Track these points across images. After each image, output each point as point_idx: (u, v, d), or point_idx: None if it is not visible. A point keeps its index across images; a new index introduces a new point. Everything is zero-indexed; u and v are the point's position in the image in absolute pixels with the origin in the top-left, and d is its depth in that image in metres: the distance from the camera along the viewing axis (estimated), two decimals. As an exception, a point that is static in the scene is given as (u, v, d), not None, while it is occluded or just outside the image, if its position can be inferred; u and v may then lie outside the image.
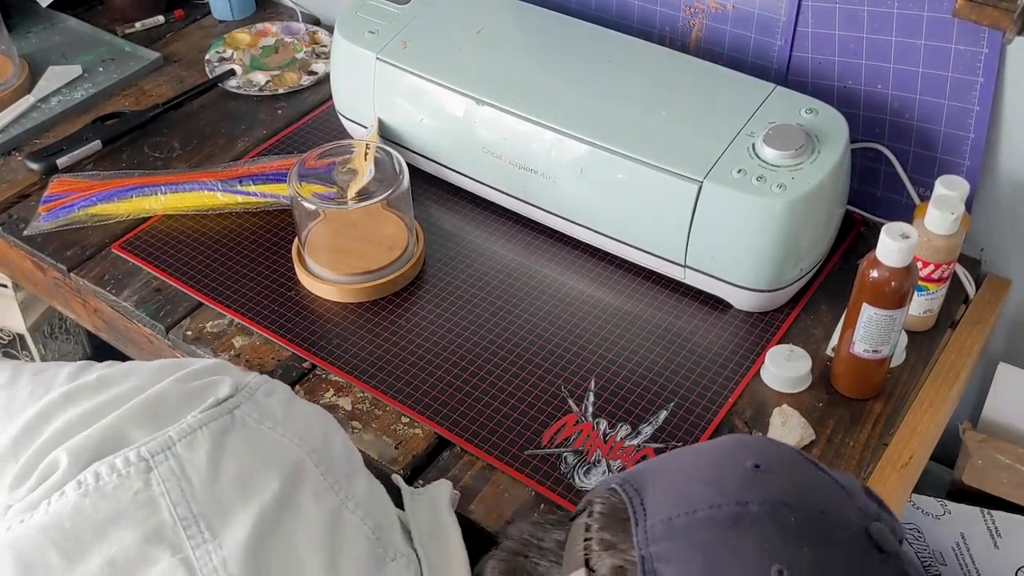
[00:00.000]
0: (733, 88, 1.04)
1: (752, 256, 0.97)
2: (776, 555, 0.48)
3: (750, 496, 0.50)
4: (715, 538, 0.49)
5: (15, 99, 1.33)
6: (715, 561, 0.48)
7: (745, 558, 0.48)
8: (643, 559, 0.49)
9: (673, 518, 0.50)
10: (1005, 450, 1.08)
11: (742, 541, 0.49)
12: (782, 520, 0.49)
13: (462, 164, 1.13)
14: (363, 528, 0.62)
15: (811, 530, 0.50)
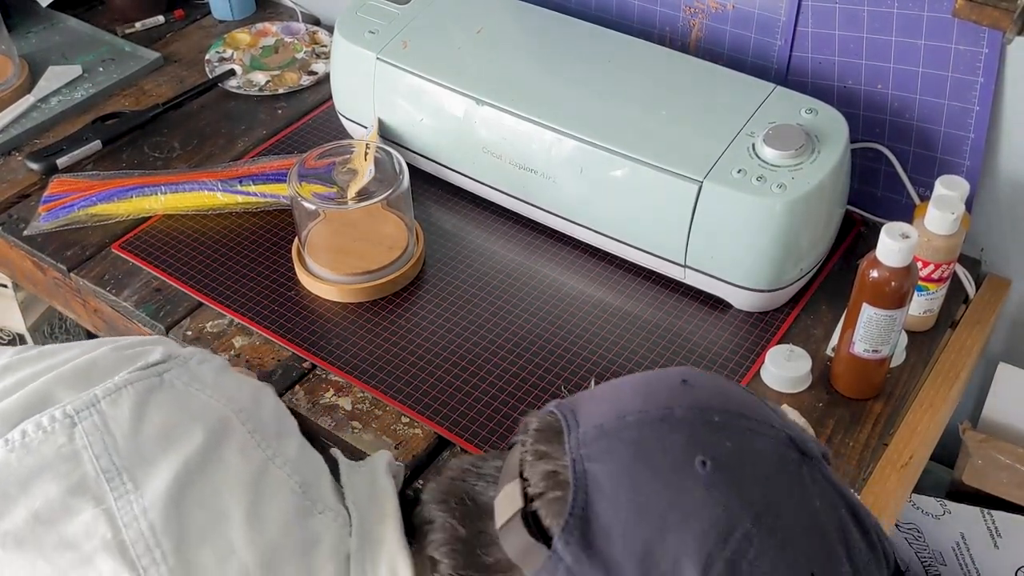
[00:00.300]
0: (733, 88, 1.04)
1: (752, 256, 0.97)
2: (700, 447, 0.50)
3: (677, 403, 0.53)
4: (642, 436, 0.51)
5: (15, 99, 1.33)
6: (642, 455, 0.50)
7: (670, 451, 0.50)
8: (574, 461, 0.50)
9: (604, 424, 0.52)
10: (1005, 450, 1.08)
11: (668, 437, 0.51)
12: (706, 419, 0.52)
13: (462, 164, 1.13)
14: (289, 482, 0.62)
15: (734, 428, 0.52)
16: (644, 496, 0.49)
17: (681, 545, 0.47)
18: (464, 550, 0.52)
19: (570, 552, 0.48)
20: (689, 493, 0.49)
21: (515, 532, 0.50)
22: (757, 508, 0.49)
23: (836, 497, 0.53)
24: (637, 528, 0.48)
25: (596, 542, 0.48)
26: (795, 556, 0.49)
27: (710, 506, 0.48)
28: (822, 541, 0.50)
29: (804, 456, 0.52)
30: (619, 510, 0.49)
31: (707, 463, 0.49)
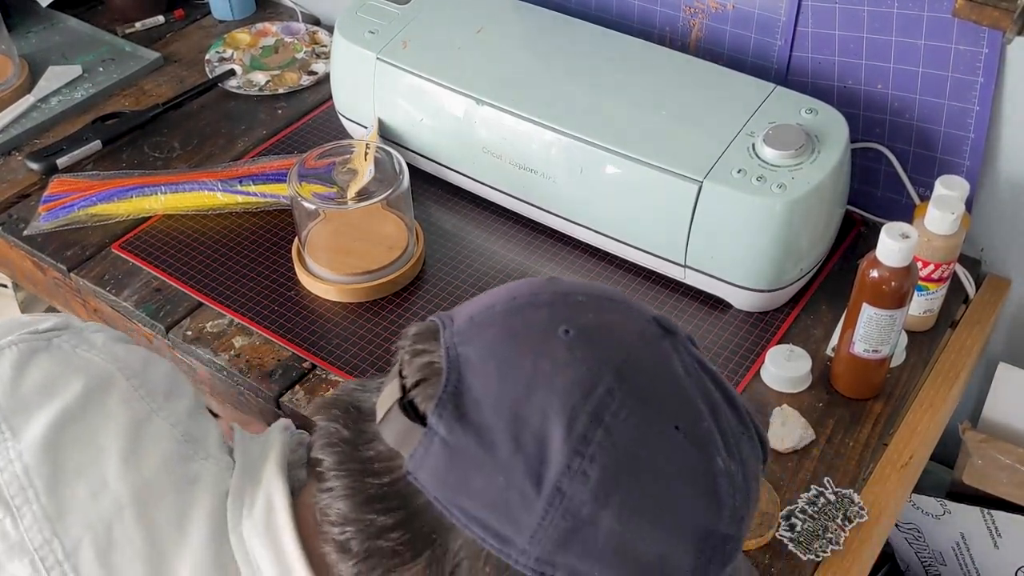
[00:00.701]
0: (733, 88, 1.04)
1: (752, 256, 0.97)
2: (563, 320, 0.53)
3: (543, 290, 0.56)
4: (509, 317, 0.54)
5: (15, 99, 1.33)
6: (508, 331, 0.53)
7: (535, 325, 0.53)
8: (447, 349, 0.52)
9: (474, 315, 0.54)
10: (1005, 450, 1.08)
11: (534, 315, 0.54)
12: (570, 300, 0.55)
13: (462, 164, 1.13)
14: (173, 432, 0.64)
15: (598, 306, 0.55)
16: (511, 364, 0.51)
17: (547, 402, 0.49)
18: (345, 448, 0.53)
19: (444, 424, 0.49)
20: (552, 356, 0.51)
21: (393, 420, 0.51)
22: (619, 366, 0.51)
23: (701, 371, 0.54)
24: (505, 393, 0.50)
25: (468, 412, 0.50)
26: (658, 410, 0.51)
27: (573, 365, 0.50)
28: (685, 399, 0.52)
29: (668, 332, 0.55)
30: (488, 380, 0.50)
31: (570, 331, 0.52)
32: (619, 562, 0.49)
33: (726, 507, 0.52)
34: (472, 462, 0.49)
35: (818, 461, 0.90)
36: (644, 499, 0.49)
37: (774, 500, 0.85)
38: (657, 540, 0.49)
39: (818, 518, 0.85)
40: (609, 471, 0.48)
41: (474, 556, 0.49)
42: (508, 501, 0.48)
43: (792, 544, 0.83)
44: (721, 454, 0.52)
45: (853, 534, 0.84)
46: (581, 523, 0.48)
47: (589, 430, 0.48)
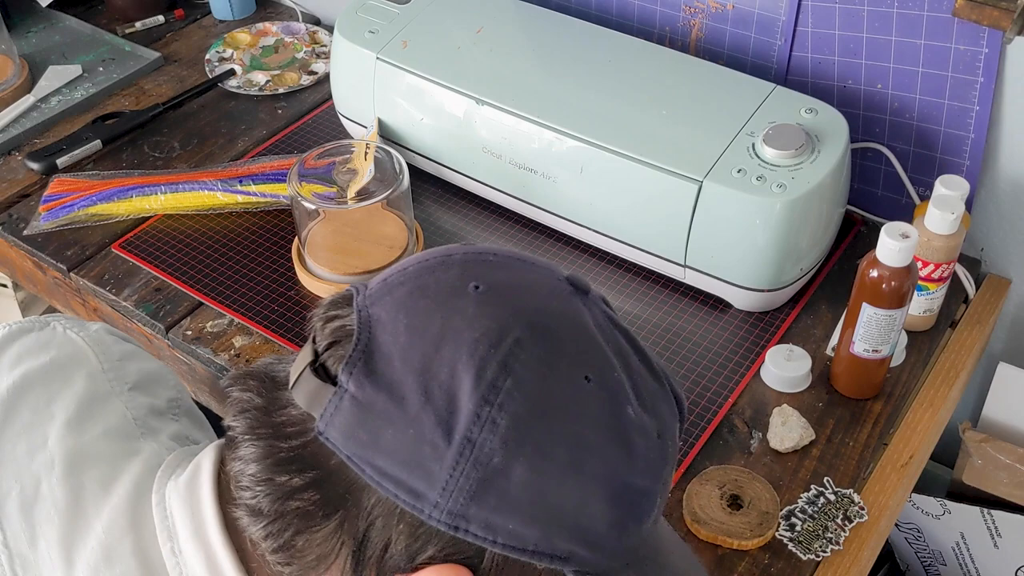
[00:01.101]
0: (733, 88, 1.04)
1: (752, 256, 0.97)
2: (473, 277, 0.53)
3: (455, 251, 0.56)
4: (420, 276, 0.54)
5: (15, 99, 1.33)
6: (419, 289, 0.53)
7: (445, 282, 0.53)
8: (359, 311, 0.52)
9: (387, 277, 0.55)
10: (1005, 450, 1.08)
11: (444, 273, 0.54)
12: (482, 259, 0.55)
13: (462, 164, 1.13)
14: (127, 413, 0.65)
15: (509, 265, 0.55)
16: (420, 320, 0.51)
17: (456, 354, 0.49)
18: (257, 414, 0.53)
19: (353, 381, 0.49)
20: (462, 311, 0.51)
21: (304, 382, 0.51)
22: (528, 318, 0.51)
23: (614, 328, 0.55)
24: (414, 347, 0.50)
25: (377, 368, 0.49)
26: (567, 360, 0.51)
27: (482, 318, 0.50)
28: (595, 351, 0.52)
29: (580, 290, 0.55)
30: (398, 337, 0.50)
31: (480, 286, 0.52)
32: (534, 514, 0.49)
33: (639, 457, 0.51)
34: (382, 417, 0.49)
35: (818, 461, 0.90)
36: (555, 447, 0.49)
37: (774, 500, 0.85)
38: (571, 489, 0.49)
39: (818, 518, 0.85)
40: (519, 419, 0.48)
41: (388, 514, 0.49)
42: (419, 454, 0.48)
43: (792, 544, 0.83)
44: (632, 405, 0.52)
45: (853, 534, 0.84)
46: (493, 473, 0.48)
47: (498, 379, 0.48)
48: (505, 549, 0.49)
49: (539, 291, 0.53)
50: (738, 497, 0.85)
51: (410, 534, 0.49)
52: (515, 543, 0.49)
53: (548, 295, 0.53)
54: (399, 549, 0.49)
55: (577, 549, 0.50)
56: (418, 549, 0.49)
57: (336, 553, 0.50)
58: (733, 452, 0.91)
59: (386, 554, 0.50)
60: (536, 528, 0.49)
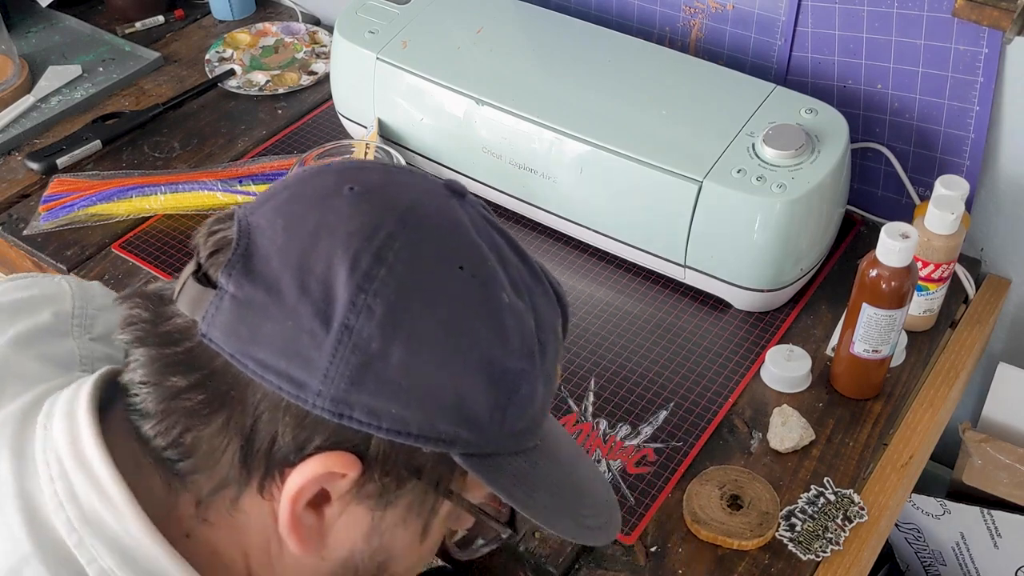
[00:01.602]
0: (733, 88, 1.04)
1: (752, 256, 0.97)
2: (348, 180, 0.54)
3: (334, 164, 0.57)
4: (298, 184, 0.56)
5: (15, 99, 1.33)
6: (296, 195, 0.54)
7: (321, 187, 0.54)
8: (239, 221, 0.54)
9: (267, 190, 0.56)
10: (1005, 450, 1.08)
11: (322, 180, 0.55)
12: (359, 166, 0.58)
13: (462, 164, 1.13)
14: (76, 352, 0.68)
15: (385, 170, 0.57)
16: (297, 221, 0.52)
17: (331, 248, 0.51)
18: (144, 326, 0.54)
19: (233, 282, 0.51)
20: (337, 210, 0.52)
21: (187, 290, 0.52)
22: (402, 212, 0.53)
23: (489, 226, 0.56)
24: (291, 246, 0.51)
25: (256, 268, 0.51)
26: (441, 249, 0.53)
27: (357, 215, 0.52)
28: (469, 244, 0.54)
29: (456, 192, 0.56)
30: (275, 237, 0.52)
31: (354, 188, 0.54)
32: (415, 397, 0.50)
33: (514, 340, 0.53)
34: (261, 311, 0.50)
35: (818, 461, 0.90)
36: (430, 330, 0.51)
37: (774, 500, 0.85)
38: (448, 371, 0.51)
39: (818, 518, 0.85)
40: (394, 304, 0.50)
41: (273, 407, 0.50)
42: (298, 343, 0.49)
43: (792, 544, 0.83)
44: (507, 292, 0.54)
45: (853, 534, 0.84)
46: (372, 357, 0.49)
47: (372, 268, 0.50)
48: (389, 434, 0.50)
49: (413, 191, 0.55)
50: (738, 497, 0.85)
51: (296, 425, 0.50)
52: (399, 427, 0.50)
53: (422, 195, 0.55)
54: (286, 441, 0.50)
55: (460, 431, 0.52)
56: (305, 439, 0.50)
57: (224, 448, 0.51)
58: (733, 452, 0.91)
59: (274, 446, 0.51)
60: (418, 411, 0.50)
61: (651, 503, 0.86)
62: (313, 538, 0.54)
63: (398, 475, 0.53)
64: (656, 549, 0.83)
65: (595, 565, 0.83)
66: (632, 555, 0.83)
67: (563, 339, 0.60)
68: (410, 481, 0.53)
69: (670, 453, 0.90)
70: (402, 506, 0.55)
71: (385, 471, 0.52)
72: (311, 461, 0.50)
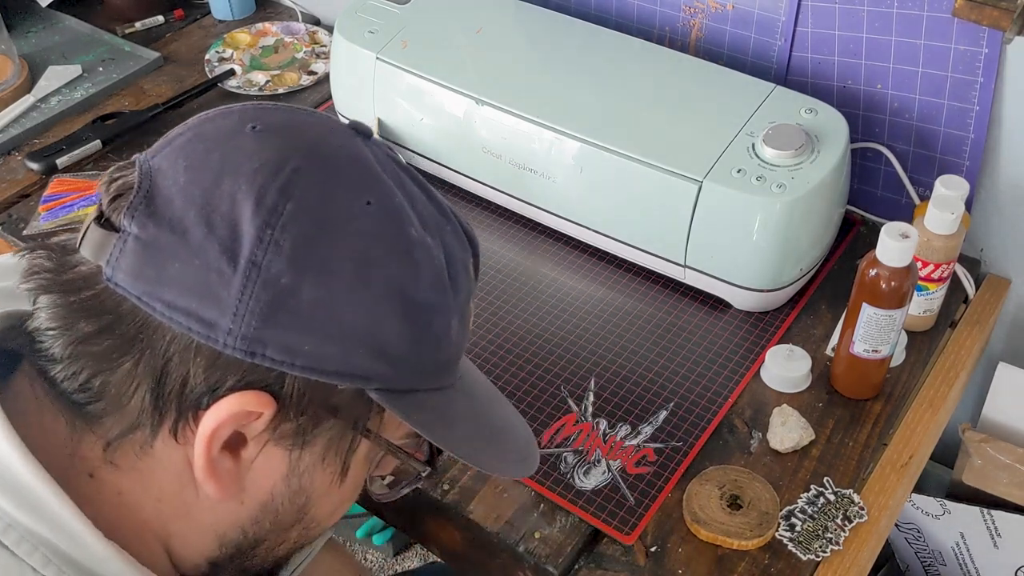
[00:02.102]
0: (733, 88, 1.04)
1: (752, 256, 0.97)
2: (251, 120, 0.54)
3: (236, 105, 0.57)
4: (201, 125, 0.55)
5: (15, 99, 1.33)
6: (198, 136, 0.53)
7: (224, 127, 0.54)
8: (140, 165, 0.53)
9: (169, 133, 0.55)
10: (1005, 450, 1.08)
11: (224, 120, 0.54)
12: (261, 105, 0.56)
13: (462, 164, 1.13)
14: None
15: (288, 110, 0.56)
16: (200, 160, 0.52)
17: (235, 185, 0.50)
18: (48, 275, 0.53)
19: (136, 223, 0.50)
20: (241, 148, 0.52)
21: (90, 235, 0.51)
22: (308, 147, 0.52)
23: (396, 166, 0.56)
24: (195, 185, 0.50)
25: (159, 209, 0.50)
26: (347, 185, 0.52)
27: (261, 152, 0.51)
28: (375, 180, 0.54)
29: (361, 133, 0.56)
30: (178, 177, 0.51)
31: (257, 126, 0.53)
32: (329, 332, 0.50)
33: (424, 272, 0.53)
34: (166, 252, 0.49)
35: (818, 461, 0.90)
36: (340, 263, 0.50)
37: (774, 500, 0.85)
38: (361, 304, 0.51)
39: (818, 518, 0.85)
40: (302, 239, 0.49)
41: (184, 349, 0.50)
42: (206, 282, 0.49)
43: (792, 544, 0.83)
44: (415, 226, 0.54)
45: (853, 534, 0.84)
46: (282, 293, 0.49)
47: (278, 204, 0.49)
48: (304, 371, 0.50)
49: (317, 129, 0.55)
50: (738, 497, 0.85)
51: (208, 366, 0.50)
52: (313, 364, 0.50)
53: (327, 133, 0.55)
54: (198, 382, 0.50)
55: (376, 366, 0.52)
56: (218, 380, 0.50)
57: (134, 391, 0.51)
58: (733, 452, 0.91)
59: (186, 388, 0.50)
60: (333, 346, 0.50)
61: (651, 503, 0.86)
62: (231, 482, 0.53)
63: (314, 414, 0.52)
64: (656, 549, 0.83)
65: (595, 565, 0.83)
66: (632, 555, 0.83)
67: (475, 279, 0.60)
68: (327, 420, 0.53)
69: (670, 453, 0.90)
70: (320, 445, 0.54)
71: (301, 410, 0.52)
72: (224, 401, 0.50)
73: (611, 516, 0.85)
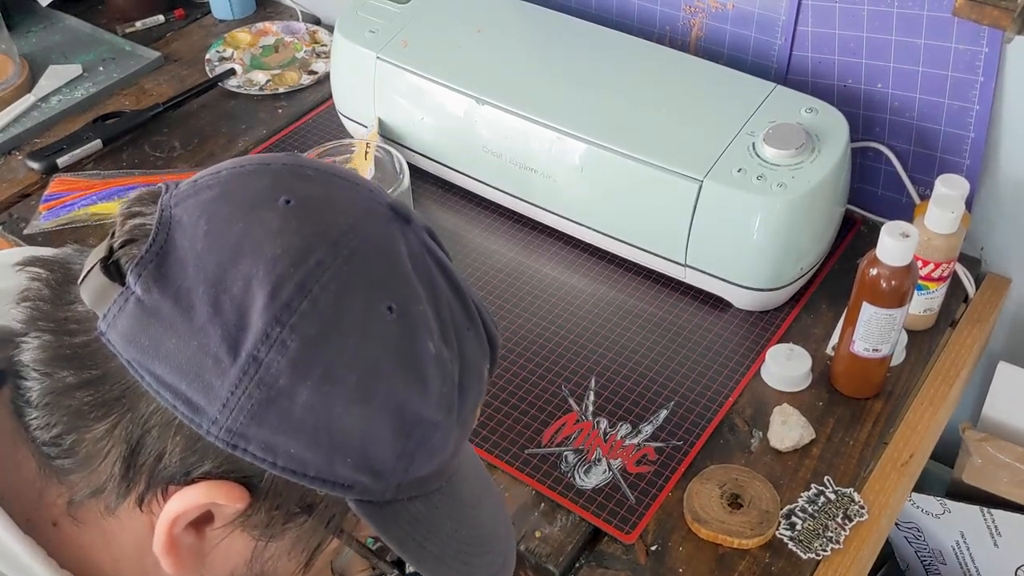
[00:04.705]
0: (733, 87, 1.04)
1: (752, 255, 0.97)
2: (286, 190, 0.50)
3: (276, 161, 0.53)
4: (232, 181, 0.51)
5: (15, 98, 1.33)
6: (226, 195, 0.50)
7: (255, 191, 0.50)
8: (162, 210, 0.49)
9: (200, 178, 0.52)
10: (1005, 449, 1.08)
11: (257, 181, 0.51)
12: (300, 172, 0.52)
13: (462, 163, 1.13)
14: None
15: (329, 181, 0.52)
16: (221, 227, 0.48)
17: (253, 268, 0.47)
18: (42, 305, 0.50)
19: (141, 284, 0.47)
20: (266, 224, 0.48)
21: (93, 278, 0.48)
22: (336, 239, 0.49)
23: (430, 259, 0.53)
24: (210, 255, 0.47)
25: (169, 273, 0.47)
26: (370, 287, 0.49)
27: (286, 234, 0.48)
28: (403, 281, 0.50)
29: (401, 217, 0.53)
30: (196, 240, 0.48)
31: (290, 200, 0.49)
32: (317, 439, 0.47)
33: (433, 392, 0.50)
34: (166, 324, 0.46)
35: (818, 460, 0.90)
36: (345, 373, 0.47)
37: (774, 499, 0.85)
38: (358, 418, 0.48)
39: (818, 517, 0.85)
40: (310, 342, 0.46)
41: (165, 424, 0.47)
42: (201, 367, 0.46)
43: (792, 543, 0.83)
44: (434, 339, 0.50)
45: (853, 533, 0.84)
46: (277, 395, 0.46)
47: (293, 300, 0.46)
48: (284, 472, 0.48)
49: (352, 212, 0.51)
50: (738, 496, 0.85)
51: (186, 447, 0.48)
52: (295, 467, 0.48)
53: (362, 217, 0.51)
54: (174, 461, 0.48)
55: (361, 478, 0.49)
56: (194, 463, 0.48)
57: (105, 455, 0.49)
58: (733, 451, 0.91)
59: (160, 464, 0.48)
60: (318, 454, 0.48)
61: (651, 502, 0.86)
62: (192, 558, 0.51)
63: (288, 510, 0.50)
64: (657, 548, 0.83)
65: (596, 564, 0.83)
66: (633, 554, 0.83)
67: (488, 378, 0.57)
68: (300, 517, 0.51)
69: (671, 452, 0.90)
70: (289, 539, 0.52)
71: (275, 505, 0.50)
72: (196, 488, 0.48)
73: (612, 515, 0.85)
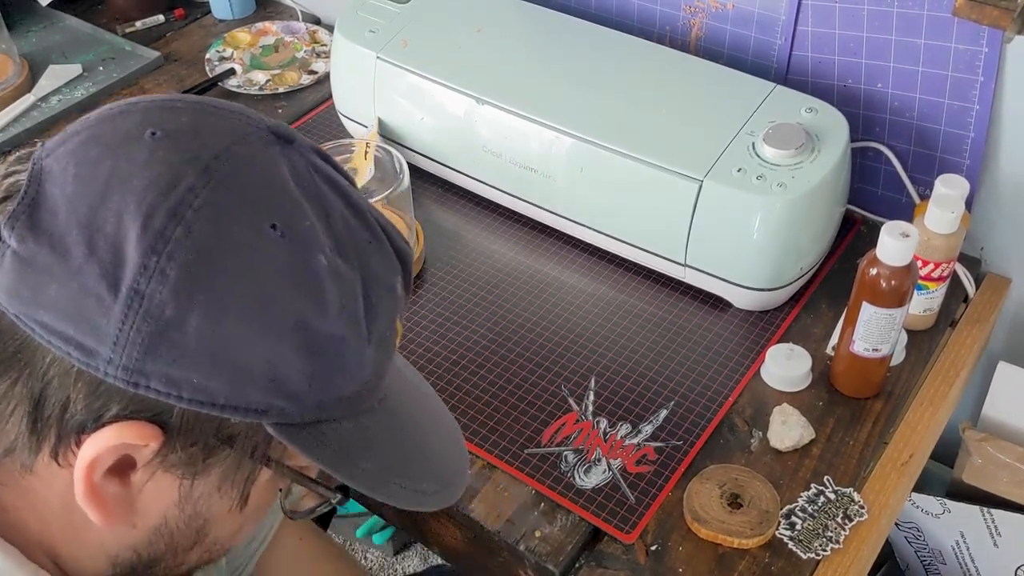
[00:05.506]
0: (733, 87, 1.04)
1: (752, 255, 0.97)
2: (153, 123, 0.49)
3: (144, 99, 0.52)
4: (100, 124, 0.51)
5: (15, 98, 1.33)
6: (93, 137, 0.50)
7: (122, 129, 0.50)
8: (33, 163, 0.49)
9: (68, 128, 0.52)
10: (1005, 449, 1.08)
11: (125, 120, 0.50)
12: (169, 105, 0.51)
13: (462, 163, 1.13)
14: None
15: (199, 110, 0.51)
16: (89, 169, 0.48)
17: (123, 203, 0.46)
18: None
19: (15, 236, 0.47)
20: (133, 158, 0.48)
21: None
22: (206, 164, 0.48)
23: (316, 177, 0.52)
24: (81, 198, 0.47)
25: (42, 222, 0.47)
26: (249, 207, 0.48)
27: (153, 165, 0.47)
28: (286, 200, 0.49)
29: (281, 139, 0.52)
30: (65, 186, 0.48)
31: (157, 132, 0.49)
32: (218, 367, 0.47)
33: (331, 305, 0.49)
34: (45, 271, 0.46)
35: (818, 460, 0.90)
36: (233, 296, 0.47)
37: (774, 499, 0.85)
38: (255, 340, 0.47)
39: (818, 517, 0.85)
40: (190, 268, 0.46)
41: (63, 373, 0.47)
42: (85, 308, 0.46)
43: (792, 543, 0.83)
44: (326, 253, 0.50)
45: (853, 533, 0.84)
46: (166, 325, 0.46)
47: (167, 228, 0.46)
48: (192, 404, 0.47)
49: (224, 137, 0.50)
50: (738, 496, 0.85)
51: (89, 392, 0.47)
52: (202, 397, 0.47)
53: (236, 141, 0.50)
54: (79, 408, 0.48)
55: (274, 401, 0.49)
56: (101, 407, 0.48)
57: (10, 413, 0.49)
58: (733, 451, 0.91)
59: (66, 413, 0.48)
60: (223, 381, 0.47)
61: (651, 502, 0.86)
62: (120, 506, 0.51)
63: (206, 444, 0.50)
64: (656, 548, 0.83)
65: (595, 564, 0.83)
66: (632, 553, 0.83)
67: (406, 295, 0.56)
68: (221, 450, 0.50)
69: (670, 452, 0.90)
70: (215, 475, 0.52)
71: (191, 441, 0.49)
72: (105, 431, 0.48)
73: (611, 515, 0.85)
